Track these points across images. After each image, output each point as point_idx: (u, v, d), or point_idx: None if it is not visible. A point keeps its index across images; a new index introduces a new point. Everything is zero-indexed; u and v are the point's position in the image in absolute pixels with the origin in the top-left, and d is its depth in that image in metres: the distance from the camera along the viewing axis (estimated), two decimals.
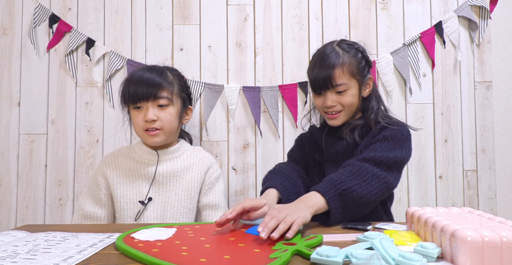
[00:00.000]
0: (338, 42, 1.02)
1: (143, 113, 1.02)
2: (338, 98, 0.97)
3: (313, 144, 1.09)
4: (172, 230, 0.69)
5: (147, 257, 0.52)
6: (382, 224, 0.76)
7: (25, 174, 1.37)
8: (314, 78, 0.98)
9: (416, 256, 0.47)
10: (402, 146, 0.91)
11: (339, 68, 0.95)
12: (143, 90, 1.00)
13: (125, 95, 1.03)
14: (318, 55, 1.01)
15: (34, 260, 0.52)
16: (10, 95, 1.39)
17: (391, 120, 0.98)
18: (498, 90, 1.39)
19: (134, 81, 1.02)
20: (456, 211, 0.64)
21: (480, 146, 1.37)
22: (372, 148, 0.90)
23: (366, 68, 1.02)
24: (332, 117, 1.00)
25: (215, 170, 1.12)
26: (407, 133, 0.95)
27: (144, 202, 1.01)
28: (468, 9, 1.37)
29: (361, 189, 0.78)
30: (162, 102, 1.02)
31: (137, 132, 1.06)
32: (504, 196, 1.37)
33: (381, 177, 0.82)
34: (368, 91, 1.02)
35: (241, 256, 0.54)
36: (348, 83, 0.96)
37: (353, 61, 0.97)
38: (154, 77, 1.02)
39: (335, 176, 0.80)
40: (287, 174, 0.98)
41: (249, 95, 1.37)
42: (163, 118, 1.02)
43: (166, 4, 1.40)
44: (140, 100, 1.01)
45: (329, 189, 0.77)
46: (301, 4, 1.39)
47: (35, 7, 1.38)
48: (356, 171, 0.81)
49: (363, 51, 1.02)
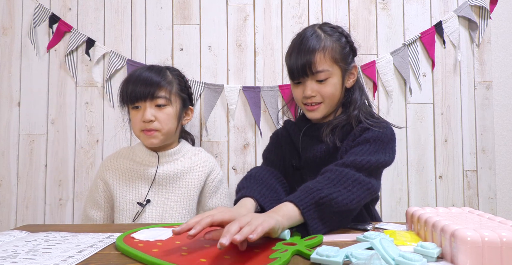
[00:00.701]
0: (320, 24, 0.92)
1: (141, 113, 1.01)
2: (318, 88, 0.87)
3: (290, 147, 0.98)
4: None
5: (147, 257, 0.52)
6: (382, 224, 0.76)
7: (25, 174, 1.37)
8: (292, 64, 0.87)
9: (416, 256, 0.47)
10: (385, 148, 0.82)
11: (320, 52, 0.85)
12: (140, 90, 0.99)
13: (123, 94, 1.03)
14: (297, 38, 0.90)
15: (34, 260, 0.52)
16: (10, 95, 1.39)
17: (373, 119, 0.89)
18: (498, 90, 1.39)
19: (133, 80, 1.01)
20: (456, 211, 0.64)
21: (480, 146, 1.37)
22: (353, 152, 0.81)
23: (351, 54, 0.92)
24: (311, 109, 0.90)
25: (217, 173, 1.11)
26: (391, 134, 0.86)
27: (143, 203, 1.01)
28: (468, 9, 1.37)
29: (341, 197, 0.68)
30: (160, 101, 1.01)
31: (135, 132, 1.06)
32: (504, 196, 1.37)
33: (364, 182, 0.73)
34: (352, 82, 0.93)
35: (241, 256, 0.54)
36: (330, 70, 0.86)
37: (336, 46, 0.87)
38: (153, 76, 1.01)
39: (311, 184, 0.71)
40: (264, 179, 0.85)
41: (249, 95, 1.37)
42: (161, 119, 1.01)
43: (166, 4, 1.40)
44: (138, 100, 1.00)
45: (304, 198, 0.67)
46: (301, 4, 1.39)
47: (35, 7, 1.38)
48: (335, 177, 0.72)
49: (347, 35, 0.92)
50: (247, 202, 0.74)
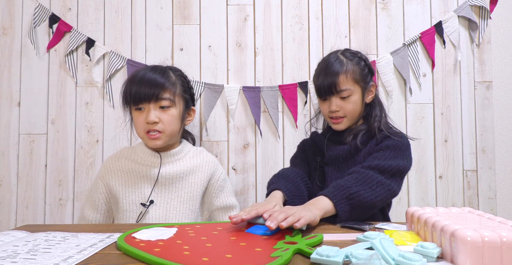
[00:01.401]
0: (342, 51, 1.07)
1: (144, 114, 1.00)
2: (342, 104, 1.02)
3: (315, 148, 1.12)
4: (173, 230, 0.69)
5: (149, 257, 0.52)
6: (382, 224, 0.76)
7: (25, 174, 1.37)
8: (320, 85, 1.03)
9: (416, 256, 0.47)
10: (403, 155, 0.96)
11: (343, 75, 1.00)
12: (145, 91, 0.98)
13: (126, 95, 1.02)
14: (323, 63, 1.06)
15: (34, 260, 0.52)
16: (10, 95, 1.39)
17: (391, 129, 1.04)
18: (498, 90, 1.39)
19: (136, 81, 1.00)
20: (456, 211, 0.64)
21: (480, 146, 1.37)
22: (376, 156, 0.94)
23: (369, 75, 1.07)
24: (336, 122, 1.05)
25: (220, 172, 1.11)
26: (407, 143, 1.00)
27: (146, 204, 1.01)
28: (468, 9, 1.37)
29: (367, 194, 0.82)
30: (164, 103, 1.00)
31: (139, 134, 1.04)
32: (504, 196, 1.37)
33: (386, 184, 0.86)
34: (370, 98, 1.07)
35: (243, 255, 0.54)
36: (352, 89, 1.01)
37: (356, 69, 1.02)
38: (157, 77, 1.00)
39: (342, 182, 0.85)
40: (291, 178, 1.01)
41: (249, 95, 1.37)
42: (165, 120, 1.00)
43: (166, 4, 1.40)
44: (141, 101, 0.99)
45: (337, 193, 0.81)
46: (301, 4, 1.39)
47: (35, 7, 1.38)
48: (362, 178, 0.86)
49: (365, 59, 1.07)
50: (277, 194, 0.92)
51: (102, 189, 1.05)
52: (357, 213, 0.81)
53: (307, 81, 1.37)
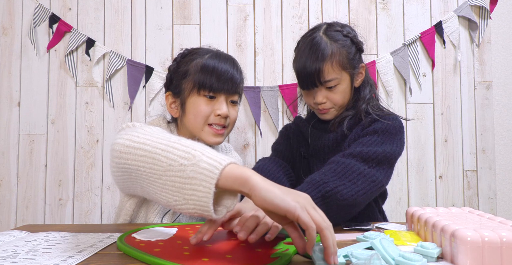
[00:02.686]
0: (325, 28, 0.91)
1: (215, 105, 0.90)
2: (328, 94, 0.89)
3: (298, 137, 1.01)
4: (173, 230, 0.69)
5: (149, 257, 0.52)
6: (382, 224, 0.76)
7: (25, 174, 1.37)
8: (301, 73, 0.89)
9: (416, 256, 0.47)
10: (393, 139, 0.83)
11: (328, 63, 0.86)
12: (225, 86, 0.90)
13: (203, 84, 0.89)
14: (304, 45, 0.90)
15: (34, 260, 0.52)
16: (10, 95, 1.39)
17: (382, 111, 0.91)
18: (498, 90, 1.39)
19: (218, 72, 0.90)
20: (456, 211, 0.64)
21: (480, 146, 1.37)
22: (360, 142, 0.82)
23: (358, 55, 0.93)
24: (323, 112, 0.93)
25: None
26: (399, 126, 0.86)
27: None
28: (468, 9, 1.37)
29: (346, 190, 0.71)
30: (237, 98, 0.94)
31: (196, 124, 0.91)
32: (504, 196, 1.37)
33: (369, 175, 0.74)
34: (360, 81, 0.94)
35: (243, 255, 0.54)
36: (339, 77, 0.88)
37: (343, 52, 0.88)
38: (237, 74, 0.93)
39: (317, 176, 0.73)
40: (272, 172, 0.88)
41: (249, 95, 1.37)
42: (233, 116, 0.94)
43: (166, 4, 1.40)
44: (219, 90, 0.89)
45: (310, 191, 0.69)
46: (301, 4, 1.39)
47: (35, 7, 1.38)
48: (341, 170, 0.74)
49: (353, 37, 0.92)
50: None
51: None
52: (335, 212, 0.70)
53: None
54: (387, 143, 0.81)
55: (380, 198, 0.97)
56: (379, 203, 0.96)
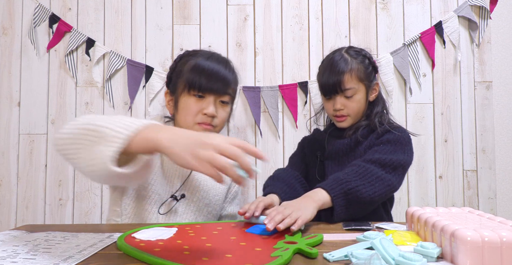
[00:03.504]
0: (346, 49, 1.06)
1: (203, 104, 0.93)
2: (346, 102, 1.01)
3: (314, 144, 1.12)
4: (173, 230, 0.69)
5: (149, 257, 0.52)
6: (382, 224, 0.76)
7: (25, 174, 1.37)
8: (324, 83, 1.02)
9: (416, 256, 0.47)
10: (404, 149, 0.95)
11: (348, 73, 1.00)
12: (214, 86, 0.92)
13: (193, 83, 0.92)
14: (327, 61, 1.05)
15: (34, 260, 0.52)
16: (10, 95, 1.39)
17: (392, 125, 1.03)
18: (498, 90, 1.39)
19: (207, 72, 0.92)
20: (456, 211, 0.64)
21: (480, 146, 1.37)
22: (376, 150, 0.93)
23: (373, 73, 1.06)
24: (340, 120, 1.04)
25: None
26: (408, 138, 0.99)
27: (177, 197, 0.93)
28: (468, 9, 1.37)
29: (365, 190, 0.81)
30: (226, 98, 0.96)
31: (187, 122, 0.94)
32: (504, 196, 1.37)
33: (386, 179, 0.85)
34: (374, 96, 1.07)
35: (243, 254, 0.54)
36: (356, 88, 1.00)
37: (360, 67, 1.01)
38: (229, 74, 0.95)
39: (341, 175, 0.83)
40: (286, 180, 1.00)
41: (249, 95, 1.37)
42: (221, 116, 0.95)
43: (166, 4, 1.40)
44: (207, 91, 0.92)
45: (335, 187, 0.80)
46: (301, 4, 1.39)
47: (35, 7, 1.38)
48: (362, 172, 0.84)
49: (370, 57, 1.06)
50: (273, 197, 0.90)
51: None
52: (354, 208, 0.81)
53: (307, 81, 1.37)
54: (399, 152, 0.93)
55: (388, 202, 1.06)
56: (387, 206, 1.04)
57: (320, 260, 0.53)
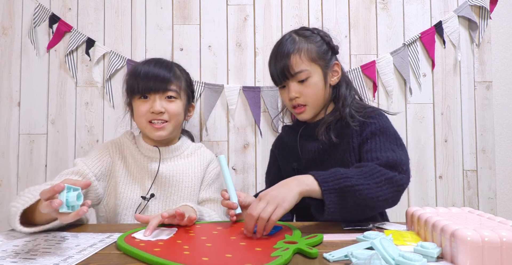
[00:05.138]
0: (296, 29, 0.96)
1: (149, 104, 0.98)
2: (300, 88, 0.91)
3: (288, 153, 1.01)
4: (173, 230, 0.69)
5: (149, 257, 0.52)
6: (382, 224, 0.76)
7: (25, 174, 1.37)
8: (273, 70, 0.93)
9: (416, 256, 0.47)
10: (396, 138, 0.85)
11: (296, 54, 0.89)
12: (152, 85, 0.97)
13: (130, 87, 0.99)
14: (275, 46, 0.95)
15: (34, 260, 0.52)
16: (10, 95, 1.39)
17: (365, 110, 0.91)
18: (498, 90, 1.39)
19: (142, 75, 0.98)
20: (456, 211, 0.64)
21: (480, 146, 1.37)
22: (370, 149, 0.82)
23: (329, 52, 0.94)
24: (298, 112, 0.93)
25: (214, 166, 1.10)
26: (386, 120, 0.89)
27: (146, 197, 0.98)
28: (468, 9, 1.37)
29: (368, 191, 0.70)
30: (171, 93, 0.99)
31: (140, 124, 1.00)
32: (504, 196, 1.37)
33: (397, 183, 0.74)
34: (336, 79, 0.95)
35: (243, 254, 0.54)
36: (309, 69, 0.89)
37: (311, 46, 0.91)
38: (164, 72, 0.99)
39: (342, 170, 0.72)
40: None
41: (249, 95, 1.37)
42: (171, 110, 0.99)
43: (166, 4, 1.40)
44: (148, 91, 0.97)
45: (330, 181, 0.69)
46: (301, 4, 1.39)
47: (35, 7, 1.38)
48: (369, 171, 0.73)
49: (323, 35, 0.95)
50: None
51: (107, 160, 0.98)
52: (350, 208, 0.70)
53: None
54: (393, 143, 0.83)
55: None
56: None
57: (320, 260, 0.53)
